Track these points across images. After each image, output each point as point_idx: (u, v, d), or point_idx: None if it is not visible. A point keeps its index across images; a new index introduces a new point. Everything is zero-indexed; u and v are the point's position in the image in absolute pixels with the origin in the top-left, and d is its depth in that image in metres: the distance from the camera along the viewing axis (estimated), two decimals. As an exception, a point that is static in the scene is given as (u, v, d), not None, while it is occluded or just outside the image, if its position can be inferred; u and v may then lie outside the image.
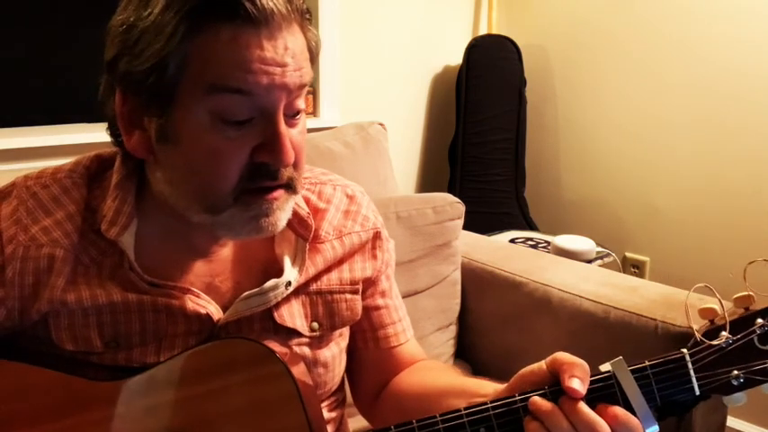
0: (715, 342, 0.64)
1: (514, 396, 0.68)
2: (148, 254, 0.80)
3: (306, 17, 0.74)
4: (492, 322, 1.59)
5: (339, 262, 0.88)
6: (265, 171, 0.72)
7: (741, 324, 0.65)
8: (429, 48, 2.32)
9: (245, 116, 0.70)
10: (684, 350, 0.66)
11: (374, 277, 0.92)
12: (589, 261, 2.06)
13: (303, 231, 0.85)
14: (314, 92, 2.01)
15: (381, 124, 1.74)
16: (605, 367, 0.68)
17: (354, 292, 0.89)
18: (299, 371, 0.76)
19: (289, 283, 0.82)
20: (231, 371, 0.74)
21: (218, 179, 0.71)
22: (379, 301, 0.93)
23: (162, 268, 0.80)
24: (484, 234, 1.88)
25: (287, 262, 0.83)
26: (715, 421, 1.38)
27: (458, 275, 1.57)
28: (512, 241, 2.15)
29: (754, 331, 0.64)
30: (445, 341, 1.56)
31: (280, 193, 0.74)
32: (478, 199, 2.28)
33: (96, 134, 0.90)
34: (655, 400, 0.65)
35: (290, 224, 0.81)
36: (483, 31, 2.40)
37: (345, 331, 0.91)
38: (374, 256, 0.92)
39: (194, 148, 0.72)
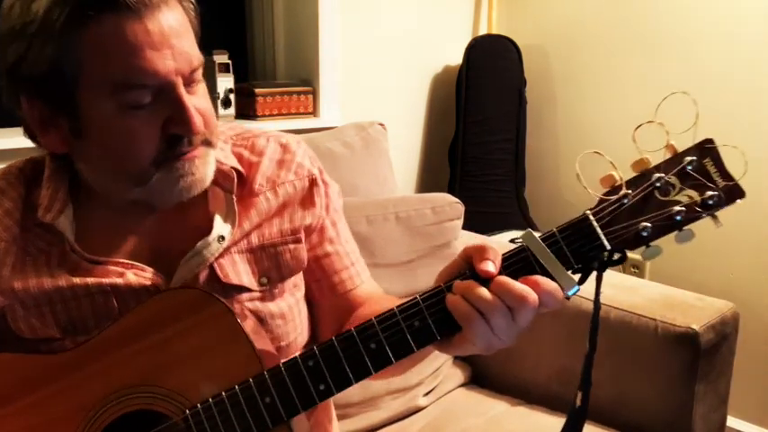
0: (614, 197, 0.67)
1: (440, 286, 0.69)
2: (89, 237, 0.83)
3: None
4: (492, 322, 1.58)
5: (277, 213, 0.89)
6: (180, 141, 0.77)
7: (639, 180, 0.68)
8: (429, 48, 2.31)
9: (149, 100, 0.75)
10: (587, 211, 0.68)
11: (316, 224, 0.92)
12: (589, 261, 2.05)
13: (228, 185, 0.87)
14: (314, 92, 2.01)
15: (381, 124, 1.74)
16: (517, 242, 0.70)
17: (297, 241, 0.90)
18: (247, 326, 0.77)
19: (222, 238, 0.84)
20: (174, 320, 0.75)
21: (137, 157, 0.76)
22: (329, 248, 0.94)
23: (104, 249, 0.83)
24: (484, 234, 1.88)
25: (217, 219, 0.85)
26: (715, 421, 1.38)
27: (457, 276, 1.56)
28: (512, 241, 2.14)
29: (652, 184, 0.67)
30: (445, 341, 1.56)
31: (199, 150, 0.79)
32: (478, 199, 2.28)
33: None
34: (569, 263, 0.67)
35: (216, 182, 0.85)
36: (483, 31, 2.40)
37: (299, 282, 0.93)
38: (312, 204, 0.92)
39: (108, 137, 0.77)
